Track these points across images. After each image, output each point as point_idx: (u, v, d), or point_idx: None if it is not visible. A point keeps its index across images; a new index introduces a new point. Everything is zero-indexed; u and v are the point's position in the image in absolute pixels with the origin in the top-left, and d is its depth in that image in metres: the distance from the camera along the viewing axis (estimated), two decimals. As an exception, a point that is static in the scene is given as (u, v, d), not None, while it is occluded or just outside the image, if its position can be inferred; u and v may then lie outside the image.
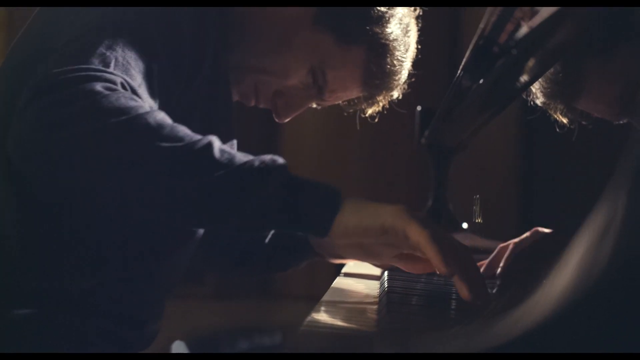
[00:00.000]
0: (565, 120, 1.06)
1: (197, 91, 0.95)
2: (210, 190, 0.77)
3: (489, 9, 0.84)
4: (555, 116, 1.04)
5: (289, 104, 1.09)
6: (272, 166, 0.79)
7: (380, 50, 1.04)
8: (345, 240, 0.82)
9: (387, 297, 0.92)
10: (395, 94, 1.13)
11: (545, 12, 0.66)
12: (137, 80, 0.83)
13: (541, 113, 1.09)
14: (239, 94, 1.09)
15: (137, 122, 0.76)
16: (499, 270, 1.17)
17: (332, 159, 2.46)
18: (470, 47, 0.90)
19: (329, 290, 1.05)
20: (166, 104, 0.87)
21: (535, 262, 1.22)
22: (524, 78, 0.88)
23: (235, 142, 1.03)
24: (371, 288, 1.09)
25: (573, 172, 1.87)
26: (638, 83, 0.90)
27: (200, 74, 0.93)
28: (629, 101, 0.92)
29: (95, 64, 0.80)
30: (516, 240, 1.18)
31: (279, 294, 2.24)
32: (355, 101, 1.14)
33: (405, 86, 1.14)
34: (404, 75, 1.10)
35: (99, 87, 0.77)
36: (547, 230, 1.17)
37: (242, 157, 0.79)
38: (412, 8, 1.11)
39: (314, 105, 1.15)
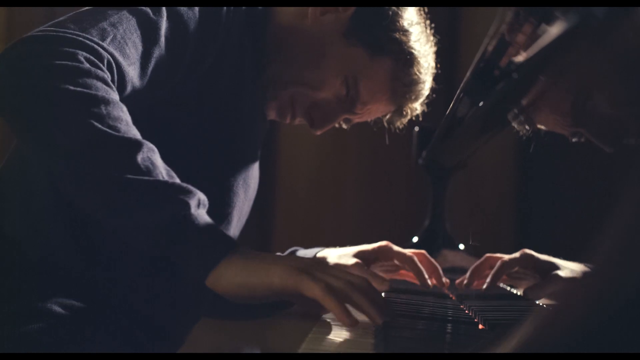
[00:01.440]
0: (524, 130, 1.09)
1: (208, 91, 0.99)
2: (118, 188, 0.78)
3: (489, 32, 0.85)
4: (516, 126, 1.06)
5: (324, 116, 1.14)
6: (182, 195, 0.79)
7: (407, 59, 1.12)
8: (234, 295, 0.81)
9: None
10: (419, 107, 1.19)
11: (547, 37, 0.66)
12: (131, 59, 0.87)
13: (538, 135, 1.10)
14: (275, 109, 1.14)
15: (90, 98, 0.79)
16: (485, 285, 1.18)
17: (330, 179, 2.46)
18: (471, 69, 0.91)
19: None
20: (158, 88, 0.93)
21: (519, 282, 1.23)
22: (522, 101, 0.89)
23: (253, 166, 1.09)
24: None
25: (570, 192, 1.88)
26: (588, 93, 0.92)
27: (195, 73, 0.97)
28: (580, 110, 0.94)
29: (92, 34, 0.84)
30: (505, 258, 1.19)
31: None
32: (383, 116, 1.20)
33: (426, 103, 1.20)
34: (427, 85, 1.17)
35: (81, 55, 0.81)
36: (534, 253, 1.18)
37: (164, 172, 0.81)
38: (424, 17, 1.17)
39: (345, 126, 1.20)
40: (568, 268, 1.16)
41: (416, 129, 1.49)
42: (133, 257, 0.97)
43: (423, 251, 1.26)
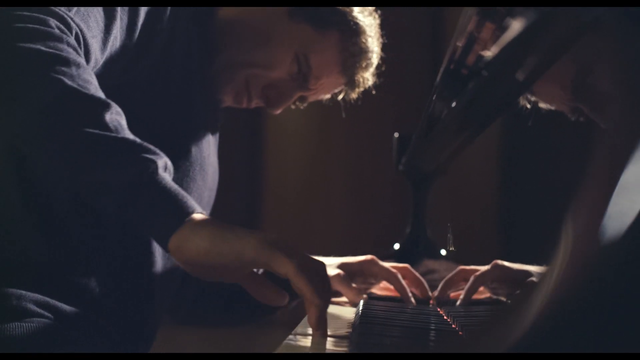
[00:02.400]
0: (527, 104, 1.09)
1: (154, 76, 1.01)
2: (79, 141, 0.77)
3: (456, 31, 0.83)
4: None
5: (280, 95, 1.17)
6: (149, 155, 0.78)
7: (352, 29, 1.16)
8: (198, 262, 0.77)
9: (360, 325, 0.89)
10: (371, 78, 1.23)
11: (511, 33, 0.65)
12: (93, 32, 0.88)
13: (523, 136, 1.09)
14: (232, 95, 1.16)
15: (62, 60, 0.79)
16: (459, 301, 1.15)
17: (316, 185, 2.44)
18: (441, 70, 0.89)
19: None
20: (113, 63, 0.94)
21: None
22: (498, 100, 0.87)
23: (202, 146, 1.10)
24: (346, 315, 1.06)
25: (554, 195, 1.86)
26: (590, 67, 0.91)
27: (145, 57, 0.99)
28: (580, 85, 0.93)
29: (60, 7, 0.85)
30: (478, 272, 1.16)
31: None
32: (337, 92, 1.24)
33: (376, 76, 1.25)
34: (376, 54, 1.21)
35: (52, 22, 0.82)
36: (507, 264, 1.16)
37: (129, 134, 0.80)
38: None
39: (301, 105, 1.25)
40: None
41: (396, 135, 1.48)
42: (107, 254, 0.97)
43: (407, 265, 1.24)
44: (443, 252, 1.41)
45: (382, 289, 1.26)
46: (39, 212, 0.94)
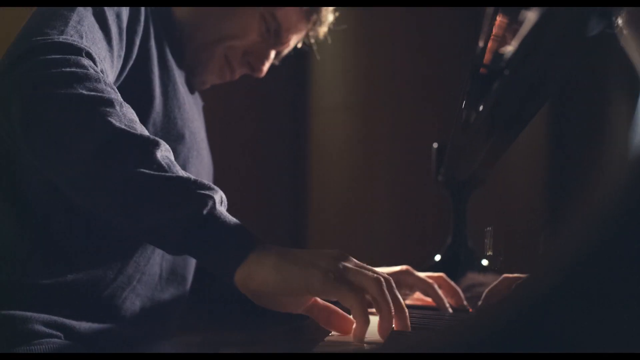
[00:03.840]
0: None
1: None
2: (136, 183, 0.76)
3: (481, 36, 0.83)
4: None
5: (259, 57, 1.24)
6: (205, 191, 0.78)
7: None
8: (266, 292, 0.77)
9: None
10: (331, 14, 1.31)
11: (526, 28, 0.64)
12: (101, 55, 0.89)
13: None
14: (215, 72, 1.23)
15: (105, 101, 0.80)
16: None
17: (360, 197, 2.44)
18: (467, 75, 0.89)
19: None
20: (113, 74, 0.96)
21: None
22: (524, 100, 0.86)
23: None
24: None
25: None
26: None
27: (130, 58, 1.01)
28: None
29: (72, 34, 0.86)
30: (491, 287, 1.14)
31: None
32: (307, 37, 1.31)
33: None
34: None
35: (84, 61, 0.82)
36: (513, 276, 1.14)
37: (181, 171, 0.80)
38: None
39: (276, 62, 1.30)
40: None
41: (434, 145, 1.48)
42: (110, 267, 0.98)
43: (442, 274, 1.23)
44: (485, 262, 1.39)
45: (415, 300, 1.25)
46: (35, 231, 0.94)
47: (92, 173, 0.78)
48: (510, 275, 1.20)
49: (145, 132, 0.80)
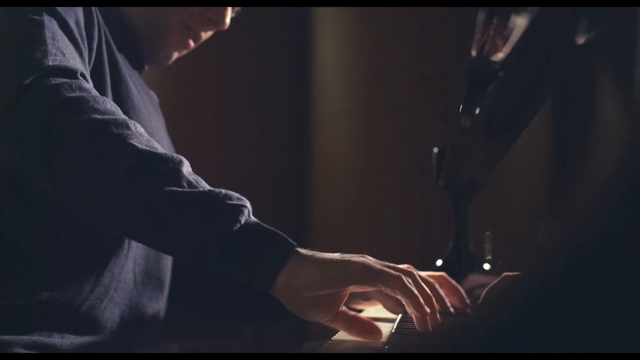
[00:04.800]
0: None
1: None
2: (169, 203, 0.76)
3: (475, 38, 0.83)
4: None
5: (218, 11, 1.15)
6: (237, 202, 0.79)
7: None
8: (312, 289, 0.78)
9: (394, 337, 0.89)
10: None
11: (518, 29, 0.64)
12: (83, 69, 0.87)
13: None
14: (176, 42, 1.16)
15: (117, 122, 0.79)
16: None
17: (364, 201, 2.44)
18: (463, 78, 0.89)
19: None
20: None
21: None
22: (520, 102, 0.86)
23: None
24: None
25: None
26: None
27: (91, 61, 0.98)
28: None
29: (55, 53, 0.84)
30: (487, 288, 1.14)
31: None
32: None
33: None
34: None
35: (84, 83, 0.82)
36: (514, 274, 1.13)
37: (206, 185, 0.80)
38: None
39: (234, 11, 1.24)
40: None
41: (435, 150, 1.47)
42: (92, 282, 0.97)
43: (443, 274, 1.23)
44: (487, 266, 1.39)
45: None
46: (4, 253, 0.92)
47: (124, 199, 0.77)
48: (511, 274, 1.20)
49: (165, 150, 0.80)
